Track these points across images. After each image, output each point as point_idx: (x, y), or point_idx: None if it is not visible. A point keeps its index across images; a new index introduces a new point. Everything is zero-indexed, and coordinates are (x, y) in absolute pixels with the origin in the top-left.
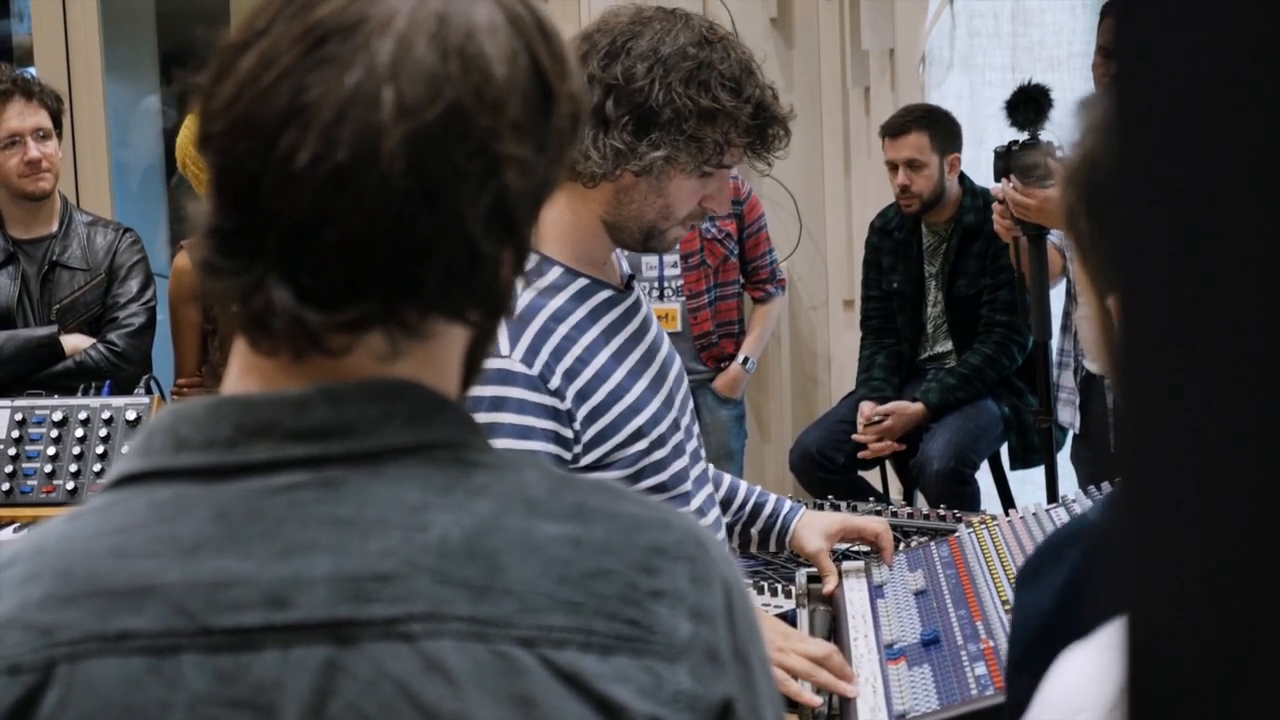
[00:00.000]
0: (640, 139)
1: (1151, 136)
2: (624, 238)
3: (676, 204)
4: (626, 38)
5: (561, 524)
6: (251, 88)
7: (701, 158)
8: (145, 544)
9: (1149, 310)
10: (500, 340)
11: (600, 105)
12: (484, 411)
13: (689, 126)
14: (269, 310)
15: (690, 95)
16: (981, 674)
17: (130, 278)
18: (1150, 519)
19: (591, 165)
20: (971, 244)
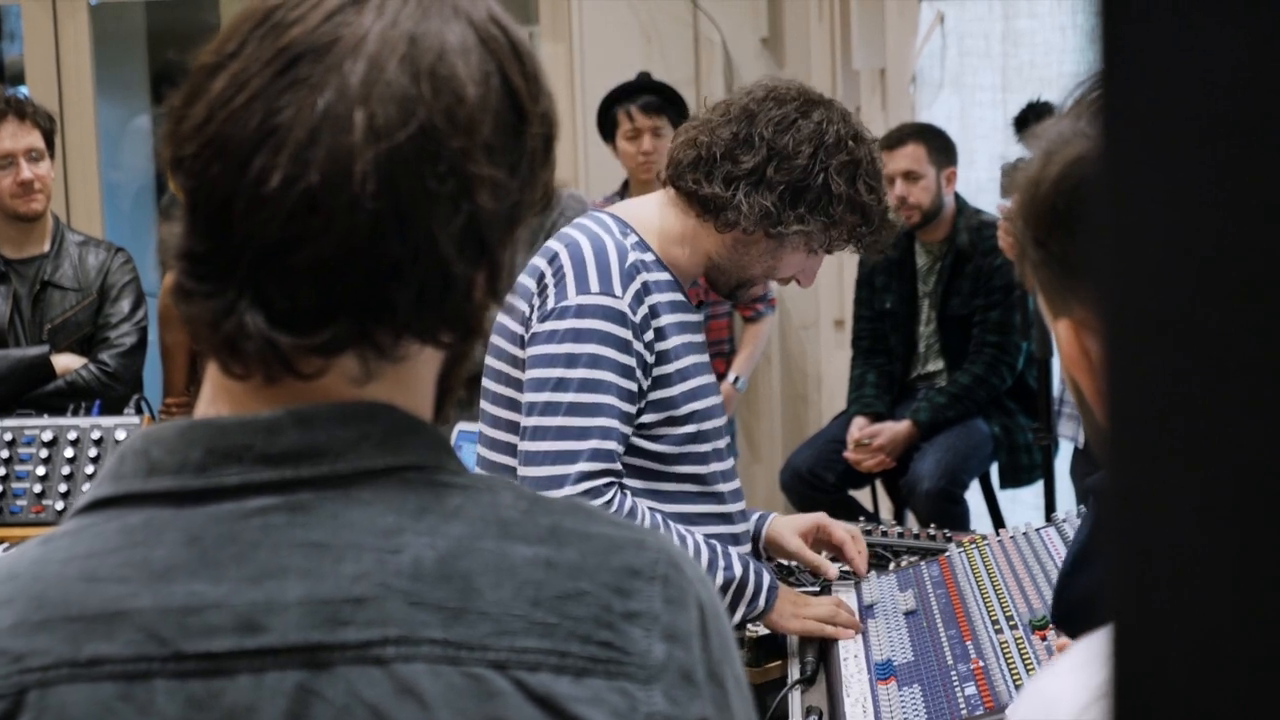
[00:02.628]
0: (789, 208)
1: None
2: (719, 278)
3: (781, 270)
4: (797, 115)
5: (535, 546)
6: (223, 110)
7: (827, 239)
8: (117, 569)
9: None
10: (609, 280)
11: (762, 166)
12: (588, 343)
13: (835, 211)
14: (241, 333)
15: (842, 183)
16: (971, 694)
17: (122, 298)
18: (1135, 530)
19: (739, 217)
20: (965, 264)
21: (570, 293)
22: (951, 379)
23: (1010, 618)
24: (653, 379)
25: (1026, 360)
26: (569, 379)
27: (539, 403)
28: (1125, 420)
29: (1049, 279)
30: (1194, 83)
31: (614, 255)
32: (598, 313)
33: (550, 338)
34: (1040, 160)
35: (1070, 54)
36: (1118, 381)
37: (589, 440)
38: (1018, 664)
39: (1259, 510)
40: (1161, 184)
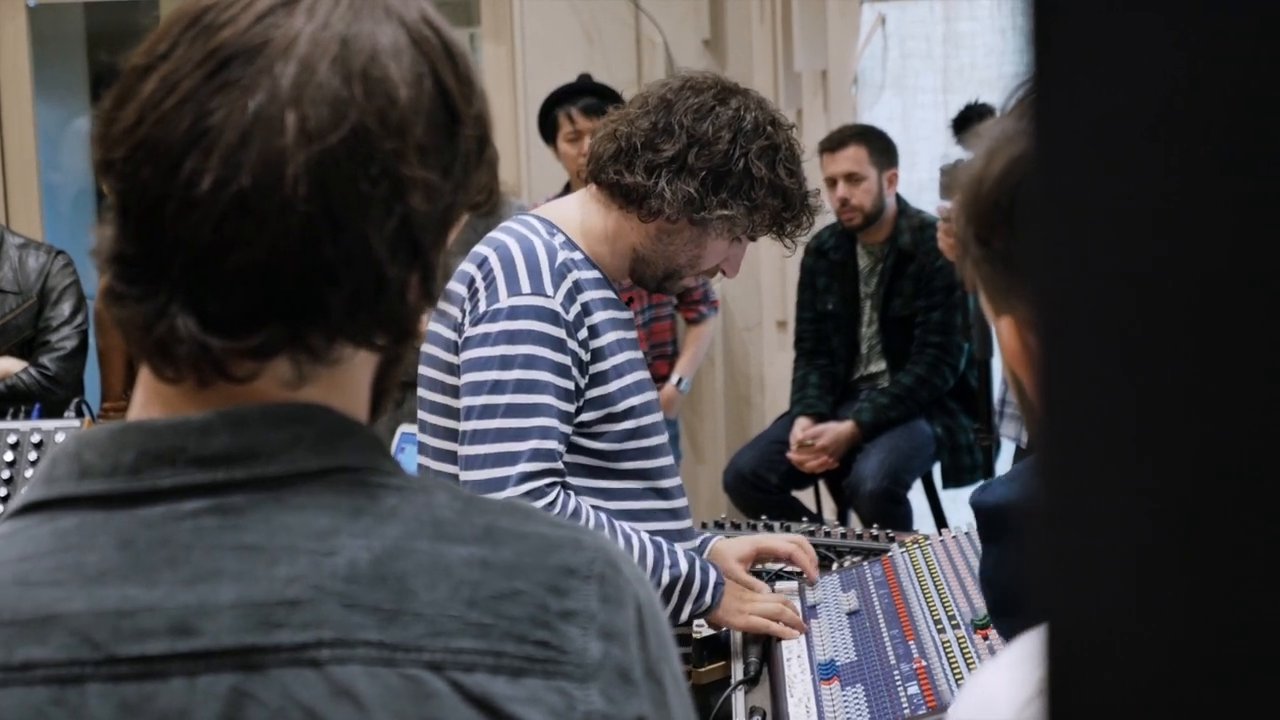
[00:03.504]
0: (711, 193)
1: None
2: (645, 271)
3: (706, 258)
4: (714, 103)
5: (471, 546)
6: (153, 112)
7: (750, 225)
8: (49, 573)
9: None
10: (540, 280)
11: (683, 153)
12: (522, 344)
13: (757, 195)
14: (173, 337)
15: (763, 167)
16: (914, 693)
17: (63, 301)
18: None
19: (663, 204)
20: (907, 265)
21: (502, 295)
22: (894, 380)
23: (953, 617)
24: (590, 376)
25: (968, 361)
26: (505, 381)
27: (476, 406)
28: (1059, 418)
29: (991, 277)
30: (1126, 80)
31: (543, 255)
32: (530, 313)
33: (484, 340)
34: (983, 158)
35: (1010, 56)
36: (1052, 377)
37: (528, 441)
38: (960, 663)
39: (1191, 507)
40: (1095, 182)
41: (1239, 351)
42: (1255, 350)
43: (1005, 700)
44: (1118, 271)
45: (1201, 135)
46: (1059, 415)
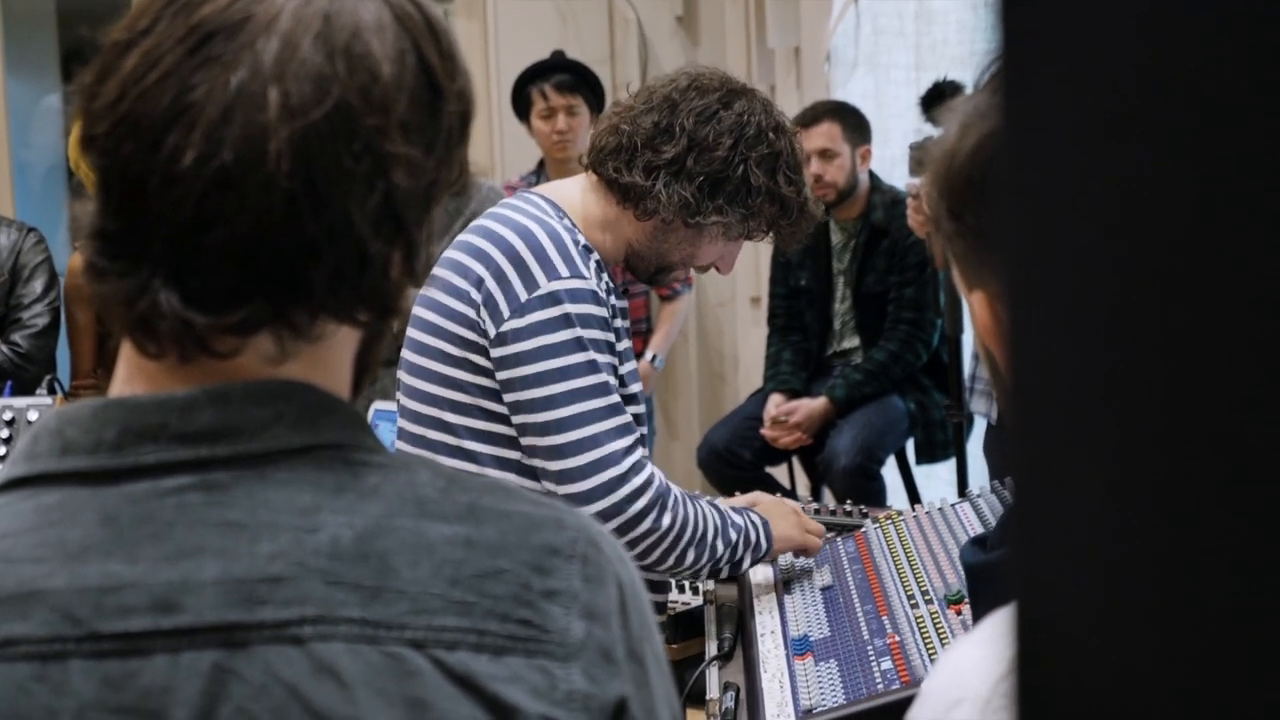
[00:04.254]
0: (707, 199)
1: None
2: (638, 264)
3: (700, 257)
4: (719, 106)
5: (453, 524)
6: (135, 88)
7: (746, 229)
8: (31, 549)
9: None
10: (574, 264)
11: (682, 156)
12: (578, 327)
13: (753, 203)
14: (155, 313)
15: (762, 175)
16: (888, 669)
17: (34, 278)
18: (1040, 510)
19: (658, 206)
20: (880, 241)
21: (541, 280)
22: (867, 356)
23: (926, 593)
24: (617, 355)
25: (941, 337)
26: (576, 364)
27: (547, 396)
28: (1029, 391)
29: (963, 251)
30: (1094, 56)
31: (568, 239)
32: (575, 296)
33: (538, 330)
34: (956, 133)
35: (982, 32)
36: (1021, 351)
37: (614, 418)
38: (933, 639)
39: (1161, 481)
40: (1063, 157)
41: (1208, 325)
42: (1224, 324)
43: (979, 676)
44: (1086, 245)
45: (1168, 111)
46: (1029, 389)
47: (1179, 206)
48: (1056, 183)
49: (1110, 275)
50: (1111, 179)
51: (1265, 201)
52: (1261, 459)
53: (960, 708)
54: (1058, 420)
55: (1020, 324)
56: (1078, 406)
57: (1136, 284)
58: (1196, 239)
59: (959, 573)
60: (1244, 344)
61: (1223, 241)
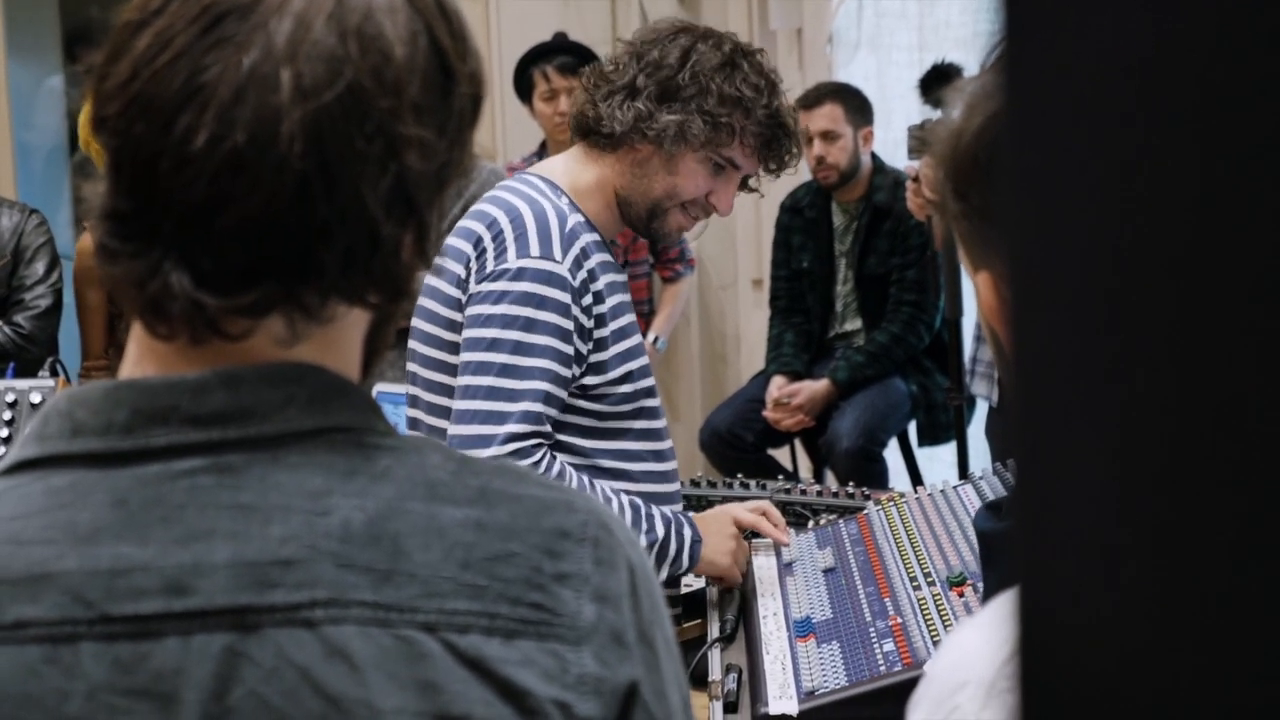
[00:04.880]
0: (659, 105)
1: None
2: (632, 212)
3: (684, 186)
4: (672, 33)
5: (465, 508)
6: (147, 68)
7: (714, 137)
8: (41, 531)
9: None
10: (550, 245)
11: (634, 77)
12: (525, 306)
13: (708, 104)
14: (166, 294)
15: (715, 78)
16: (890, 650)
17: (36, 259)
18: (1043, 492)
19: (614, 125)
20: (882, 223)
21: (511, 256)
22: (869, 338)
23: (928, 574)
24: (593, 342)
25: (942, 319)
26: (503, 340)
27: (472, 362)
28: (1032, 371)
29: (969, 231)
30: (1096, 35)
31: (554, 219)
32: (537, 276)
33: (487, 298)
34: (962, 113)
35: (985, 13)
36: (1023, 332)
37: (519, 402)
38: (935, 621)
39: (1165, 466)
40: (1066, 136)
41: (1211, 306)
42: (1227, 304)
43: (983, 658)
44: (1089, 225)
45: (1171, 91)
46: (1031, 369)
47: (1182, 187)
48: (1059, 162)
49: (1113, 255)
50: (1114, 159)
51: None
52: (1265, 441)
53: (964, 690)
54: (1060, 402)
55: (1023, 304)
56: (1080, 388)
57: (1139, 264)
58: (1199, 219)
59: (961, 555)
60: (1247, 325)
61: (1226, 222)
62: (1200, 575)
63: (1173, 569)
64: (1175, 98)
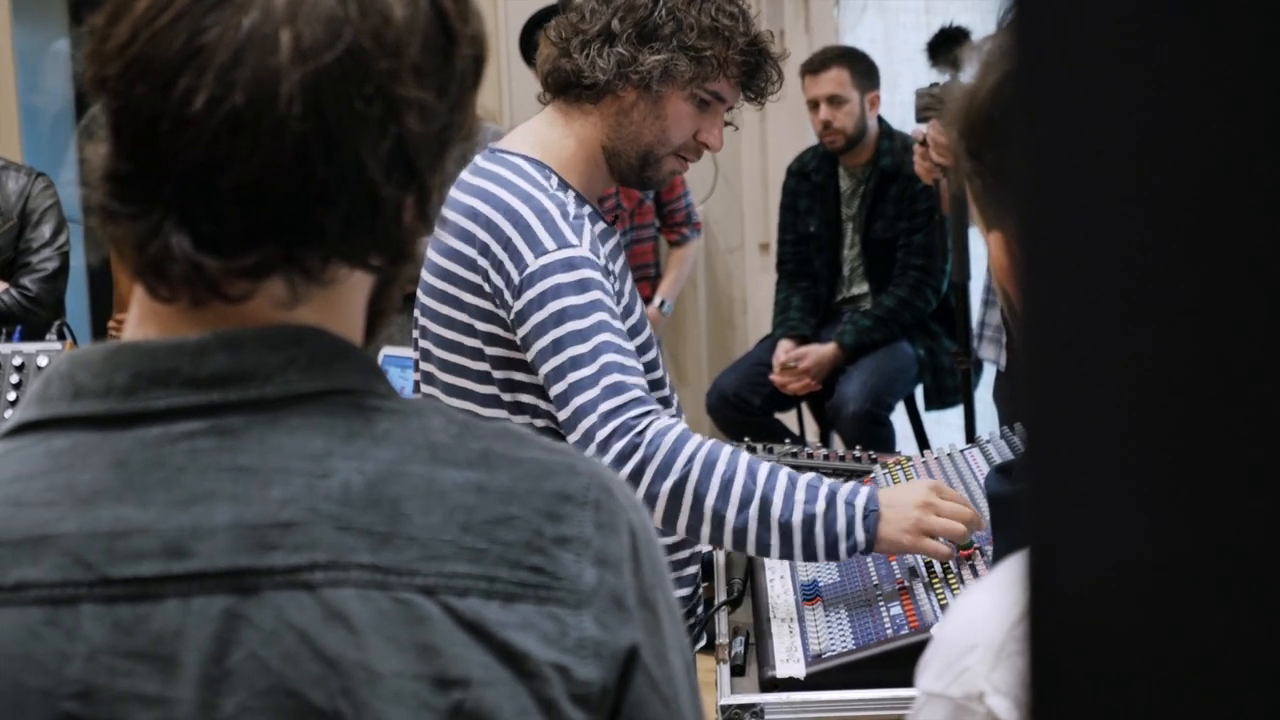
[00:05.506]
0: (640, 47)
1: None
2: (622, 164)
3: (673, 128)
4: None
5: (465, 470)
6: (147, 29)
7: (699, 72)
8: (42, 493)
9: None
10: (561, 235)
11: (608, 23)
12: (564, 297)
13: (689, 38)
14: (167, 256)
15: (690, 12)
16: (896, 614)
17: (43, 222)
18: (1053, 454)
19: (596, 74)
20: (889, 187)
21: (529, 259)
22: (876, 302)
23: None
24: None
25: (950, 283)
26: (562, 337)
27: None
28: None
29: (982, 191)
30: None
31: (555, 212)
32: (560, 266)
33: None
34: (978, 72)
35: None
36: (1033, 290)
37: (598, 384)
38: (942, 584)
39: (1176, 425)
40: (1075, 94)
41: (1220, 264)
42: (1236, 261)
43: (993, 621)
44: (1099, 184)
45: (1182, 47)
46: (1041, 328)
47: (1192, 145)
48: (1069, 122)
49: (1122, 215)
50: (1125, 119)
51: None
52: (1274, 402)
53: (974, 653)
54: (1069, 362)
55: (1032, 263)
56: (1089, 348)
57: (1148, 224)
58: (1210, 179)
59: None
60: (1255, 285)
61: (1235, 182)
62: (1209, 537)
63: (1181, 530)
64: (1187, 56)
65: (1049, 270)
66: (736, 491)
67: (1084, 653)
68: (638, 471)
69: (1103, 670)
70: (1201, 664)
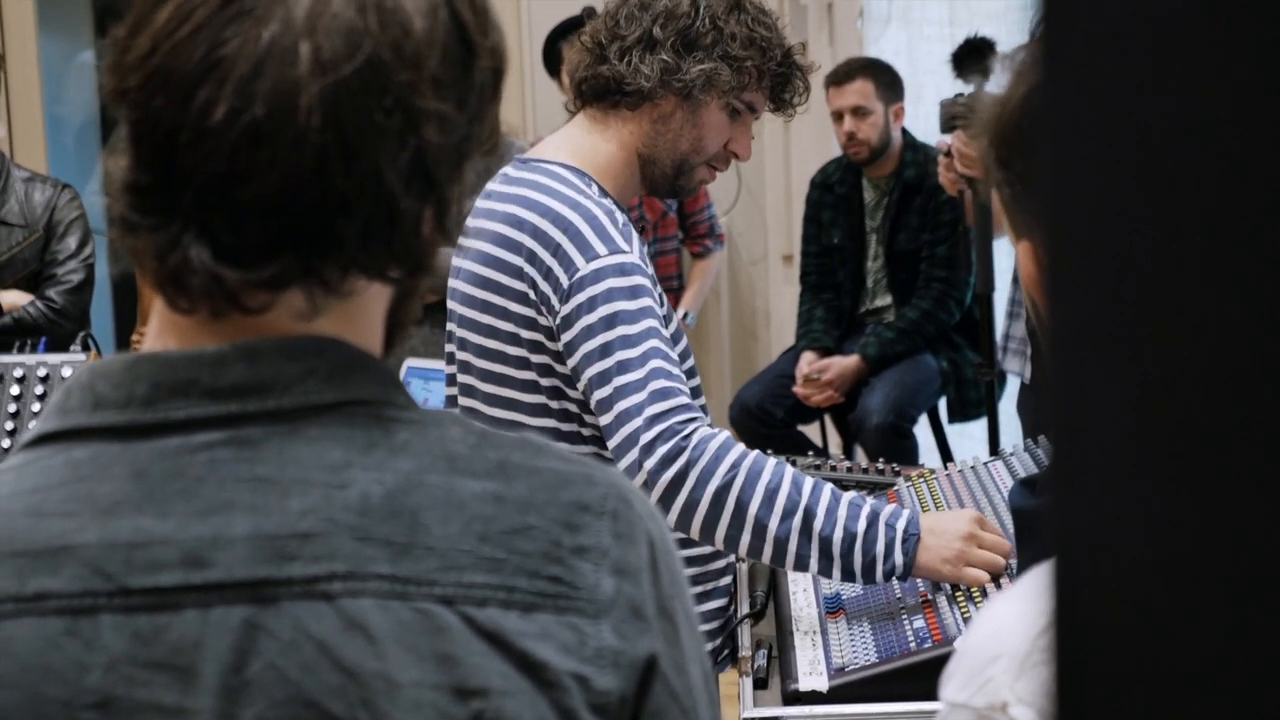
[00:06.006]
0: (685, 56)
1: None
2: (656, 172)
3: (709, 136)
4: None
5: (483, 481)
6: (167, 41)
7: (739, 82)
8: (62, 503)
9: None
10: (612, 240)
11: (648, 30)
12: (614, 302)
13: (732, 48)
14: (186, 268)
15: (730, 22)
16: (920, 627)
17: (69, 234)
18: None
19: (640, 81)
20: (912, 199)
21: (580, 263)
22: (899, 314)
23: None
24: None
25: (973, 295)
26: (610, 341)
27: (594, 375)
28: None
29: (1011, 200)
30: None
31: (604, 217)
32: (612, 272)
33: (580, 312)
34: (1010, 81)
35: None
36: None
37: (645, 389)
38: (965, 597)
39: (1202, 435)
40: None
41: (1245, 272)
42: (1261, 271)
43: (1018, 631)
44: (1124, 194)
45: (1208, 60)
46: (1067, 338)
47: (1218, 157)
48: (1095, 133)
49: (1150, 226)
50: (1150, 130)
51: None
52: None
53: (998, 663)
54: (1095, 372)
55: (1058, 272)
56: (1115, 358)
57: (1174, 235)
58: (1234, 190)
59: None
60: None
61: (1260, 193)
62: (1238, 549)
63: (1209, 543)
64: (1213, 66)
65: (1074, 281)
66: (780, 501)
67: (1109, 663)
68: (681, 475)
69: (1127, 681)
70: (1227, 676)
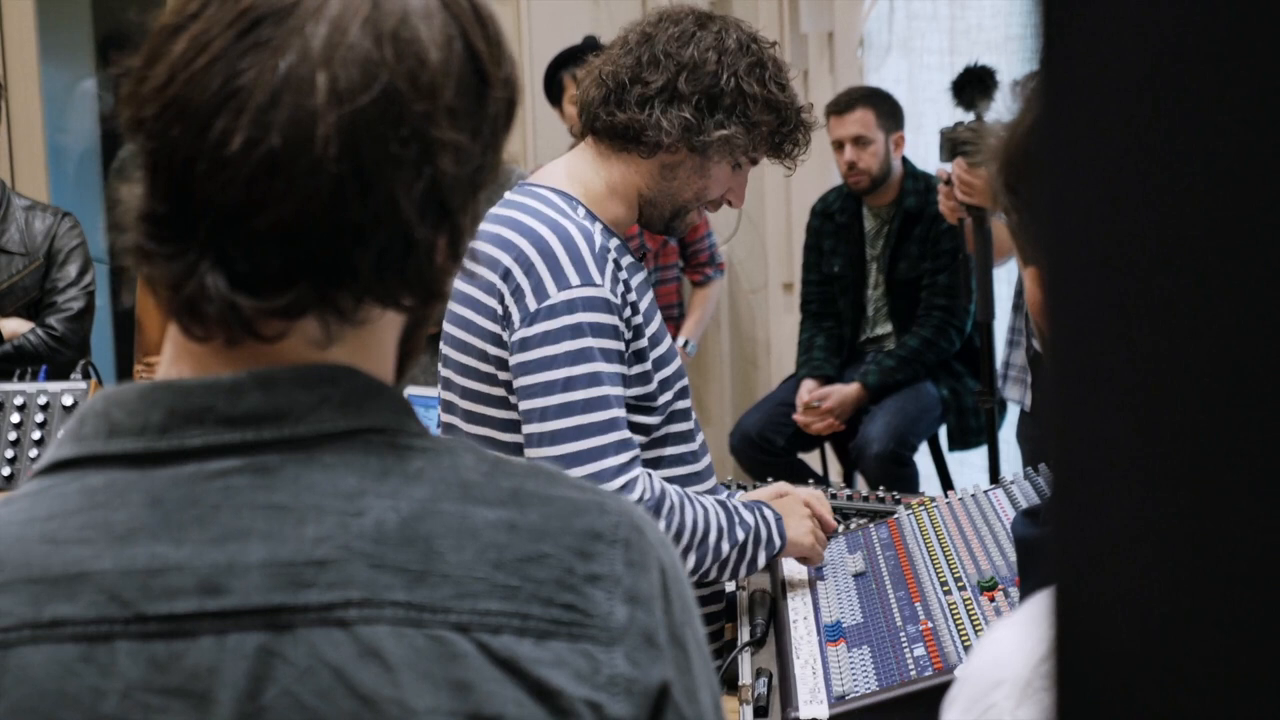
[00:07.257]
0: (708, 115)
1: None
2: (653, 213)
3: (712, 188)
4: (695, 28)
5: (497, 509)
6: (184, 71)
7: (750, 144)
8: (78, 530)
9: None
10: (586, 270)
11: (672, 80)
12: (583, 337)
13: (752, 112)
14: (202, 296)
15: (750, 83)
16: (920, 655)
17: (69, 262)
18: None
19: (660, 134)
20: (913, 227)
21: (551, 290)
22: (900, 342)
23: (959, 579)
24: (634, 353)
25: (973, 323)
26: (577, 376)
27: (552, 406)
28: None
29: (1019, 226)
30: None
31: (582, 243)
32: (584, 305)
33: (545, 340)
34: (1020, 107)
35: (1017, 16)
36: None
37: (610, 434)
38: (966, 625)
39: (1203, 463)
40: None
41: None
42: (1262, 295)
43: (1019, 658)
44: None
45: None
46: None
47: (1216, 182)
48: (1094, 159)
49: (1148, 252)
50: (1148, 155)
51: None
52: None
53: (1000, 689)
54: (1097, 399)
55: (1059, 300)
56: (1117, 383)
57: (1174, 261)
58: (1233, 215)
59: (992, 559)
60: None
61: (1259, 217)
62: (1240, 579)
63: (1211, 571)
64: (1214, 89)
65: (1073, 308)
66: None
67: (1110, 690)
68: None
69: (1129, 708)
70: (1231, 703)
